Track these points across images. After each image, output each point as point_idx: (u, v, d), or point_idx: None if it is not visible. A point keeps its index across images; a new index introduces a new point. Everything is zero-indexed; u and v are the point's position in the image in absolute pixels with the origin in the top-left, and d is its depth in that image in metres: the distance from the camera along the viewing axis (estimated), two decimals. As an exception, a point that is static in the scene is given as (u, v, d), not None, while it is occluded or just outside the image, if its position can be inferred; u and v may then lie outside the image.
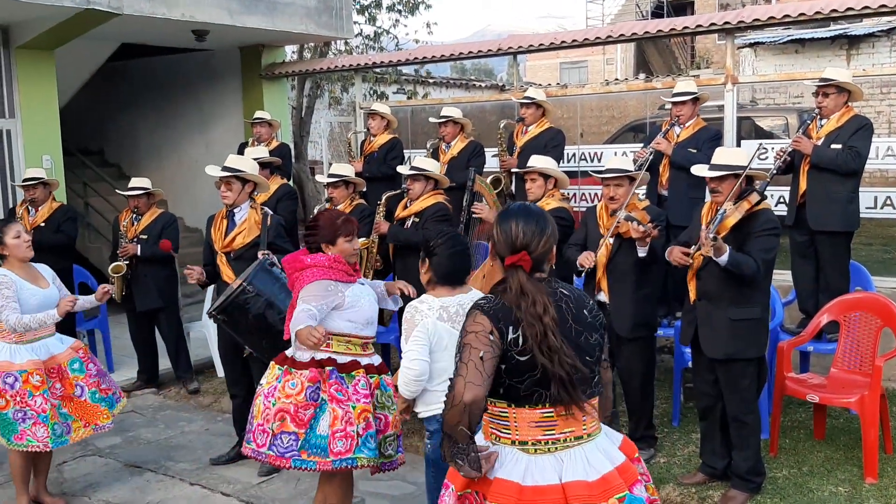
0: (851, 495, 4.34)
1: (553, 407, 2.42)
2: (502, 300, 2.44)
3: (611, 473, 2.44)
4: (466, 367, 2.34)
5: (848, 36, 15.67)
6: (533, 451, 2.44)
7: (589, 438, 2.48)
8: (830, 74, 5.46)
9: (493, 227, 2.56)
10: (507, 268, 2.47)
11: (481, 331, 2.37)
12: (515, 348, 2.37)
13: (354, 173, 6.39)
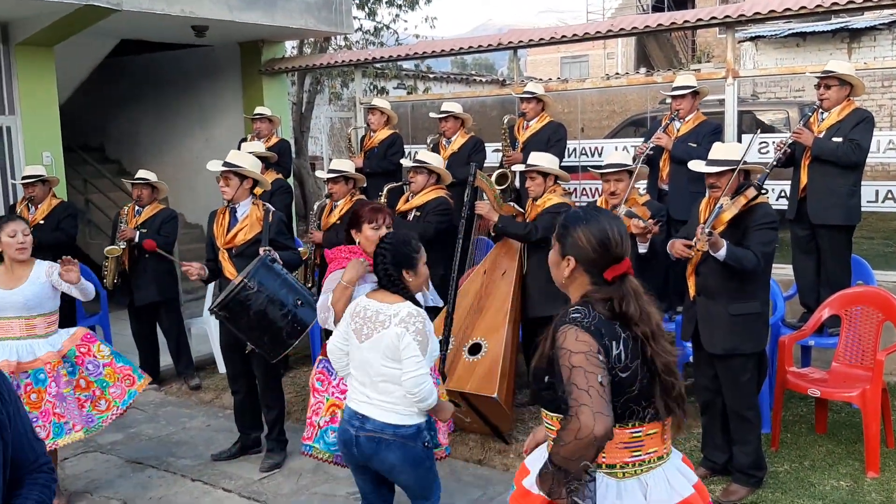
0: (853, 489, 4.34)
1: (643, 425, 2.28)
2: (598, 313, 2.23)
3: (693, 496, 2.34)
4: (589, 396, 2.08)
5: (849, 29, 15.64)
6: (621, 476, 2.28)
7: (667, 458, 2.36)
8: (832, 67, 5.45)
9: (574, 235, 2.31)
10: (614, 279, 2.28)
11: (588, 351, 2.15)
12: (619, 364, 2.20)
13: (355, 169, 6.37)
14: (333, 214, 6.11)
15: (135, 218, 6.64)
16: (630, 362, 2.22)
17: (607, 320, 2.23)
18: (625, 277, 2.29)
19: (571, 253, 2.32)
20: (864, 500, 4.22)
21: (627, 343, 2.23)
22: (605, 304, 2.26)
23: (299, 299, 4.68)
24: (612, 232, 2.30)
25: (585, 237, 2.29)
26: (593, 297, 2.27)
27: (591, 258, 2.29)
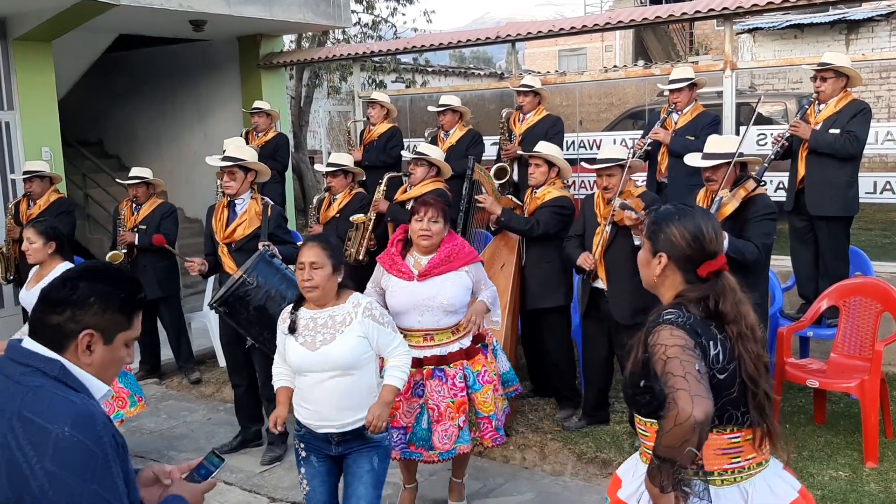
0: (852, 479, 4.36)
1: (741, 431, 2.22)
2: (692, 314, 2.18)
3: (797, 500, 2.27)
4: (686, 381, 2.01)
5: (847, 21, 15.63)
6: (720, 483, 2.21)
7: (766, 464, 2.29)
8: (828, 59, 5.46)
9: (668, 231, 2.27)
10: (709, 275, 2.23)
11: (685, 344, 2.09)
12: (717, 365, 2.14)
13: (354, 162, 6.38)
14: (332, 208, 6.12)
15: (133, 216, 6.62)
16: (727, 363, 2.16)
17: (702, 321, 2.17)
18: (720, 274, 2.24)
19: (664, 249, 2.26)
20: (863, 490, 4.24)
21: (725, 344, 2.17)
22: (700, 305, 2.20)
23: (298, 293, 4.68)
24: (707, 227, 2.25)
25: (679, 233, 2.24)
26: (688, 295, 2.22)
27: (686, 254, 2.24)
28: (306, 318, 3.34)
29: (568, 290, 5.43)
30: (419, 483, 4.47)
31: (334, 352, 3.26)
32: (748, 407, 2.18)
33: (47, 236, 4.67)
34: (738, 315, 2.19)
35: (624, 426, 5.19)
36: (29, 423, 1.64)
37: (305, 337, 3.31)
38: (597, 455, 4.90)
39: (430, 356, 4.01)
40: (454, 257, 4.04)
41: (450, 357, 4.03)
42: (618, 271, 4.83)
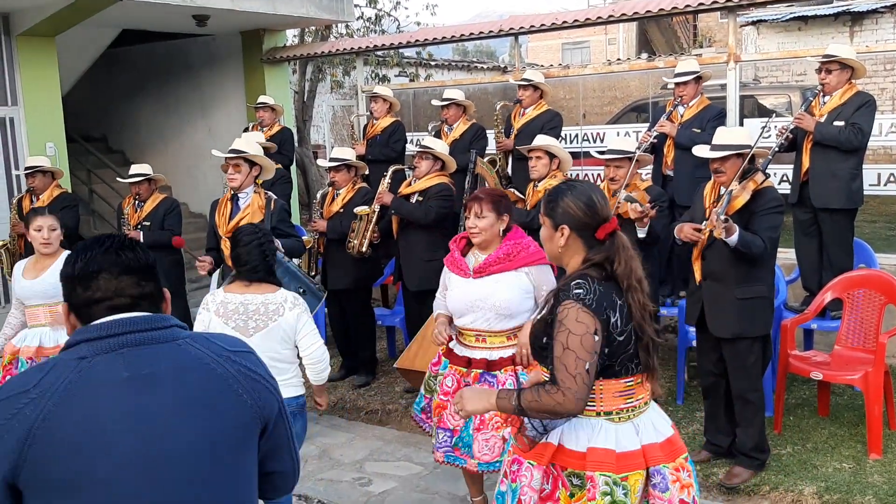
0: (856, 471, 4.37)
1: (633, 376, 2.52)
2: (597, 283, 2.41)
3: (674, 436, 2.61)
4: (576, 382, 2.32)
5: (851, 12, 15.57)
6: (618, 420, 2.52)
7: (650, 403, 2.62)
8: (833, 51, 5.44)
9: (562, 205, 2.50)
10: (606, 237, 2.47)
11: (585, 333, 2.34)
12: (616, 330, 2.42)
13: (358, 157, 6.37)
14: (336, 202, 6.13)
15: (136, 213, 6.61)
16: (625, 326, 2.44)
17: (605, 289, 2.42)
18: (615, 234, 2.48)
19: (564, 221, 2.50)
20: (867, 481, 4.25)
21: (623, 309, 2.43)
22: (599, 269, 2.45)
23: (301, 287, 4.70)
24: (596, 195, 2.51)
25: (575, 204, 2.49)
26: (593, 258, 2.46)
27: (584, 222, 2.48)
28: (236, 303, 3.50)
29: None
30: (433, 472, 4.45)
31: (266, 341, 3.46)
32: (641, 355, 2.50)
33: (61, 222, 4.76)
34: (630, 270, 2.45)
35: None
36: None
37: (237, 321, 3.47)
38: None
39: (479, 359, 3.74)
40: (514, 255, 3.72)
41: (500, 362, 3.71)
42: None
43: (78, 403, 1.57)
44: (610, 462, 2.45)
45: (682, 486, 2.52)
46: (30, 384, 1.58)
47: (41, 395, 1.56)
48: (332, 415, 5.83)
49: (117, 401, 1.59)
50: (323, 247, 6.22)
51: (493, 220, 3.76)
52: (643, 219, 4.55)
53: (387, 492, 4.65)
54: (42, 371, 1.61)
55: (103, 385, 1.60)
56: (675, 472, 2.52)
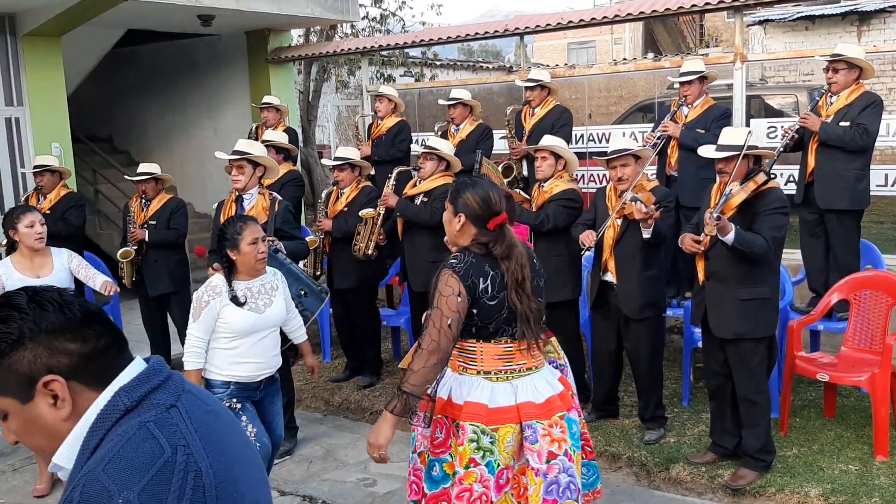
0: (862, 473, 4.35)
1: (514, 342, 2.89)
2: (472, 256, 2.85)
3: (553, 397, 2.95)
4: (439, 334, 2.76)
5: (859, 12, 15.51)
6: (495, 380, 2.90)
7: (536, 370, 2.98)
8: (841, 50, 5.41)
9: (463, 197, 2.90)
10: (495, 227, 2.86)
11: (450, 294, 2.77)
12: (486, 295, 2.82)
13: (363, 157, 6.36)
14: (340, 202, 6.12)
15: (143, 212, 6.61)
16: (497, 293, 2.83)
17: (478, 261, 2.84)
18: (503, 226, 2.89)
19: (462, 211, 2.92)
20: (873, 483, 4.23)
21: (495, 279, 2.83)
22: (481, 246, 2.87)
23: (303, 289, 4.70)
24: (493, 193, 2.91)
25: (473, 198, 2.90)
26: (479, 239, 2.88)
27: (478, 213, 2.89)
28: (242, 289, 3.82)
29: (576, 284, 5.41)
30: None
31: (276, 312, 3.93)
32: (518, 323, 2.85)
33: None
34: (510, 254, 2.86)
35: (633, 420, 5.19)
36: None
37: (249, 304, 3.81)
38: (606, 449, 4.90)
39: None
40: None
41: None
42: (628, 265, 4.81)
43: (217, 446, 1.41)
44: (481, 414, 2.84)
45: (553, 440, 2.87)
46: (166, 449, 1.34)
47: (188, 454, 1.35)
48: (337, 415, 5.83)
49: (224, 433, 1.47)
50: (328, 246, 6.22)
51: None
52: (647, 220, 4.53)
53: (391, 492, 4.64)
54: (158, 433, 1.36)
55: (206, 423, 1.44)
56: (547, 428, 2.87)
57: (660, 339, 5.09)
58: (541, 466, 2.84)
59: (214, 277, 3.89)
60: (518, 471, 2.90)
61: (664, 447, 4.84)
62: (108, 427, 1.37)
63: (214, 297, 3.79)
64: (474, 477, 2.81)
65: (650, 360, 4.94)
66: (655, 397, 5.02)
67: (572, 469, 2.89)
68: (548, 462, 2.85)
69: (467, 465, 2.82)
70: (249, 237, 3.78)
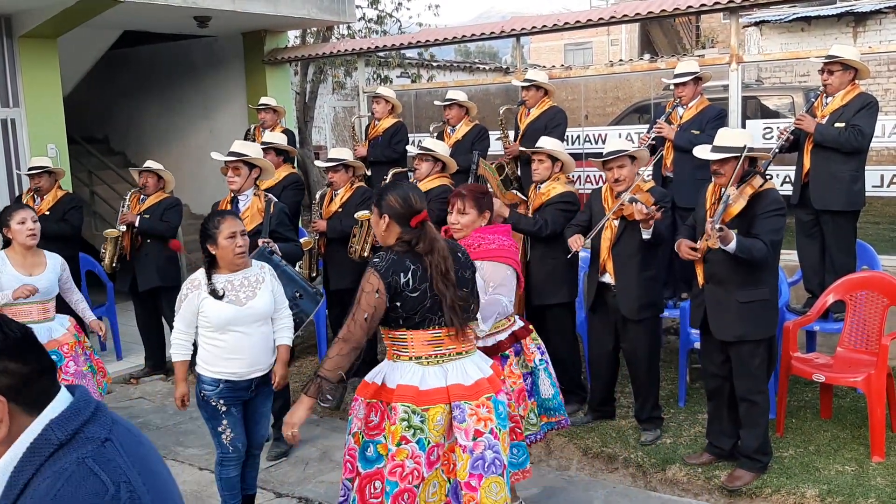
0: (858, 474, 4.35)
1: (441, 329, 3.09)
2: (394, 254, 3.08)
3: (482, 380, 3.15)
4: (355, 326, 3.03)
5: (854, 13, 15.53)
6: (426, 363, 3.12)
7: (467, 355, 3.19)
8: (836, 51, 5.42)
9: (386, 199, 3.11)
10: (417, 224, 3.08)
11: (370, 291, 3.01)
12: (407, 288, 3.02)
13: (359, 158, 6.34)
14: (334, 202, 6.12)
15: (139, 205, 6.67)
16: (419, 285, 3.03)
17: (399, 258, 3.06)
18: (424, 223, 3.10)
19: (386, 212, 3.13)
20: (869, 484, 4.23)
21: (416, 272, 3.04)
22: (404, 244, 3.08)
23: (298, 291, 4.69)
24: (412, 194, 3.15)
25: (394, 199, 3.12)
26: (403, 237, 3.10)
27: (400, 212, 3.10)
28: (223, 282, 3.81)
29: (572, 286, 5.41)
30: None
31: (259, 305, 3.87)
32: (444, 312, 3.06)
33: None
34: (433, 248, 3.06)
35: (630, 421, 5.19)
36: None
37: (229, 296, 3.79)
38: (602, 450, 4.90)
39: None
40: (474, 248, 3.82)
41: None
42: (626, 266, 4.81)
43: (151, 476, 1.41)
44: (411, 395, 3.04)
45: (480, 419, 3.07)
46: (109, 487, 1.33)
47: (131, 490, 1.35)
48: (333, 417, 5.82)
49: (152, 460, 1.46)
50: (324, 248, 6.21)
51: (475, 216, 3.91)
52: (648, 220, 4.53)
53: (387, 494, 4.63)
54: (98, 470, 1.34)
55: (139, 455, 1.43)
56: (474, 408, 3.07)
57: (657, 340, 5.09)
58: (468, 443, 3.05)
59: (197, 272, 3.91)
60: (448, 448, 3.10)
61: (660, 448, 4.84)
62: (40, 462, 1.34)
63: (193, 290, 3.84)
64: (406, 453, 3.01)
65: (647, 361, 4.94)
66: (652, 398, 5.02)
67: (498, 446, 3.08)
68: (474, 439, 3.05)
69: (399, 442, 3.01)
70: (227, 231, 3.81)
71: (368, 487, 3.08)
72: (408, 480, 3.00)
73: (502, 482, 3.08)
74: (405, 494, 3.00)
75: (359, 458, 3.13)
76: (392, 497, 2.99)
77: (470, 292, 3.20)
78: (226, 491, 4.04)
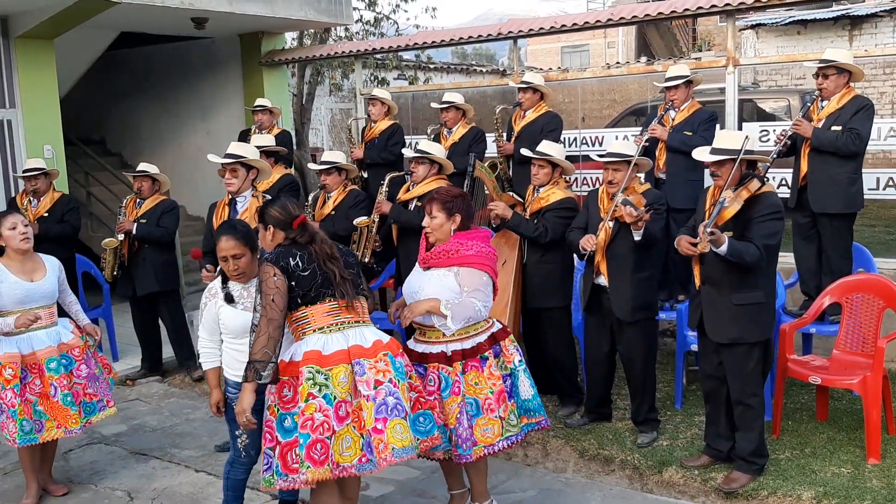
0: (854, 476, 4.36)
1: (336, 301, 3.52)
2: (281, 248, 3.57)
3: (378, 341, 3.53)
4: (267, 307, 3.40)
5: (850, 16, 15.57)
6: (328, 331, 3.50)
7: (365, 324, 3.61)
8: (830, 55, 5.44)
9: (268, 213, 3.62)
10: (297, 226, 3.57)
11: (269, 276, 3.44)
12: (298, 269, 3.49)
13: (356, 160, 6.34)
14: (327, 205, 6.12)
15: (135, 210, 6.65)
16: (307, 265, 3.51)
17: (286, 248, 3.56)
18: (304, 224, 3.60)
19: (270, 223, 3.63)
20: (865, 486, 4.24)
21: (303, 257, 3.52)
22: (288, 240, 3.59)
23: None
24: (289, 203, 3.66)
25: (274, 211, 3.63)
26: (288, 237, 3.59)
27: (281, 219, 3.60)
28: (238, 289, 3.87)
29: (566, 292, 5.42)
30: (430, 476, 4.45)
31: None
32: (335, 287, 3.52)
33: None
34: (314, 238, 3.58)
35: (627, 423, 5.19)
36: None
37: (244, 304, 3.81)
38: (599, 452, 4.90)
39: (413, 351, 3.91)
40: (451, 253, 3.85)
41: (430, 357, 3.85)
42: (619, 267, 4.82)
43: None
44: (315, 359, 3.41)
45: (378, 370, 3.44)
46: None
47: None
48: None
49: None
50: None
51: (442, 219, 3.92)
52: (637, 222, 4.54)
53: (385, 496, 4.63)
54: None
55: None
56: (373, 364, 3.44)
57: (653, 342, 5.09)
58: (370, 392, 3.39)
59: (216, 280, 3.94)
60: (356, 406, 3.40)
61: (657, 450, 4.85)
62: None
63: (210, 298, 3.89)
64: (314, 407, 3.35)
65: (643, 363, 4.95)
66: (648, 400, 5.02)
67: (398, 393, 3.43)
68: (375, 388, 3.40)
69: (307, 398, 3.36)
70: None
71: (290, 454, 3.37)
72: (318, 432, 3.33)
73: (406, 424, 3.42)
74: (318, 444, 3.32)
75: (277, 428, 3.42)
76: (306, 448, 3.32)
77: (356, 273, 3.66)
78: (230, 491, 4.06)
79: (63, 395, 4.54)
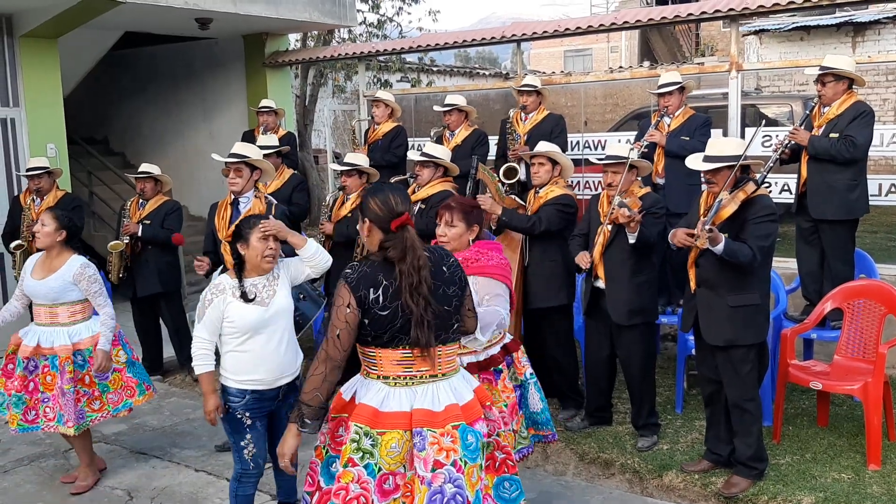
0: (854, 482, 4.36)
1: (411, 349, 2.87)
2: (367, 266, 2.90)
3: (453, 406, 2.90)
4: (329, 344, 2.87)
5: (853, 23, 15.58)
6: (393, 384, 2.90)
7: (443, 378, 2.95)
8: (828, 62, 5.45)
9: (367, 203, 2.95)
10: (394, 230, 2.88)
11: (341, 305, 2.85)
12: (377, 306, 2.83)
13: (360, 162, 6.31)
14: (345, 207, 6.11)
15: (139, 211, 6.66)
16: (390, 303, 2.83)
17: (372, 270, 2.87)
18: (404, 227, 2.90)
19: (366, 216, 2.97)
20: (866, 492, 4.23)
21: (388, 289, 2.84)
22: (380, 251, 2.91)
23: (302, 293, 4.69)
24: (392, 197, 2.95)
25: (374, 203, 2.94)
26: (384, 244, 2.90)
27: (379, 216, 2.92)
28: (250, 285, 3.73)
29: (571, 289, 5.42)
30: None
31: (280, 300, 3.76)
32: (412, 329, 2.84)
33: (60, 223, 4.74)
34: (405, 257, 2.85)
35: (627, 427, 5.19)
36: None
37: (261, 298, 3.70)
38: (599, 455, 4.90)
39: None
40: (470, 263, 3.74)
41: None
42: (616, 271, 4.83)
43: None
44: (367, 416, 2.85)
45: (441, 448, 2.82)
46: None
47: None
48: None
49: None
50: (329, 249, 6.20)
51: (462, 229, 3.85)
52: (630, 224, 4.56)
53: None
54: None
55: None
56: (437, 437, 2.82)
57: (651, 347, 5.10)
58: (426, 474, 2.80)
59: (222, 277, 3.83)
60: (410, 479, 2.85)
61: (657, 454, 4.85)
62: None
63: (218, 294, 3.74)
64: (351, 476, 2.82)
65: (642, 368, 4.95)
66: (648, 404, 5.02)
67: (460, 480, 2.81)
68: (433, 470, 2.79)
69: (346, 463, 2.84)
70: (259, 233, 3.78)
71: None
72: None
73: None
74: None
75: (321, 472, 3.00)
76: None
77: (452, 310, 2.96)
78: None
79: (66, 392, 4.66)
